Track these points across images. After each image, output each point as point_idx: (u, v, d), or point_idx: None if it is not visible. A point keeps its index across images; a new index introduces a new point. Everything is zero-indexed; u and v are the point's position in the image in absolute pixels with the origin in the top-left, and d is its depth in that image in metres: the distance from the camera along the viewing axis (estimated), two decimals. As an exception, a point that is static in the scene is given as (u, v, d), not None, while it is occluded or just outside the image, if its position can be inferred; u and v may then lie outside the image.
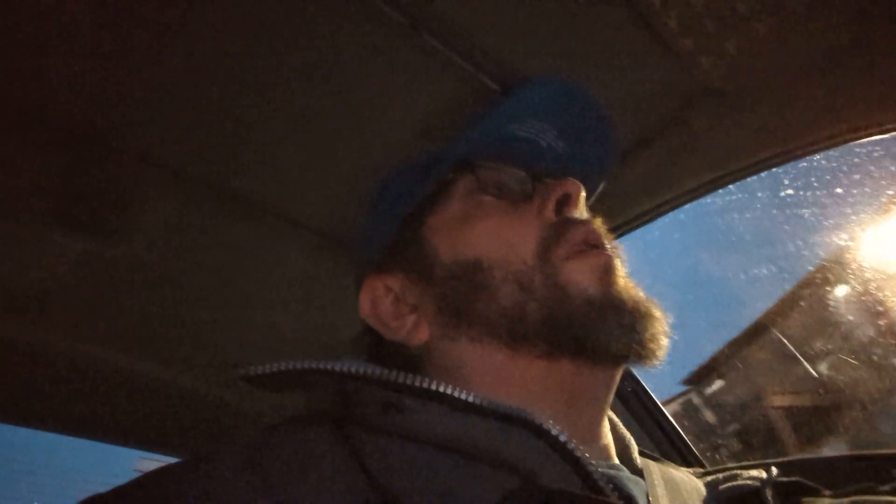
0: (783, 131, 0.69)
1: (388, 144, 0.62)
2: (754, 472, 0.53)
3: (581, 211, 0.52)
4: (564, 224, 0.49)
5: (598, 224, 0.51)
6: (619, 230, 0.80)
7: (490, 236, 0.49)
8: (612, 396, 0.49)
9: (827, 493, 0.55)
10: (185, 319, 0.86)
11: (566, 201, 0.50)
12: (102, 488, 0.37)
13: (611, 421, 0.52)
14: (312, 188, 0.67)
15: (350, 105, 0.58)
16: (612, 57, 0.57)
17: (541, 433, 0.38)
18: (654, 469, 0.50)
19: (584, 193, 0.52)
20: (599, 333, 0.44)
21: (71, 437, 1.21)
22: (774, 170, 0.73)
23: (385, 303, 0.51)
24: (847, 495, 0.57)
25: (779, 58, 0.59)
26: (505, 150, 0.53)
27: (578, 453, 0.38)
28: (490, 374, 0.46)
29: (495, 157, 0.53)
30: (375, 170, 0.64)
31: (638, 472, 0.48)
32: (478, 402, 0.39)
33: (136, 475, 0.39)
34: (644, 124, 0.65)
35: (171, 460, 0.41)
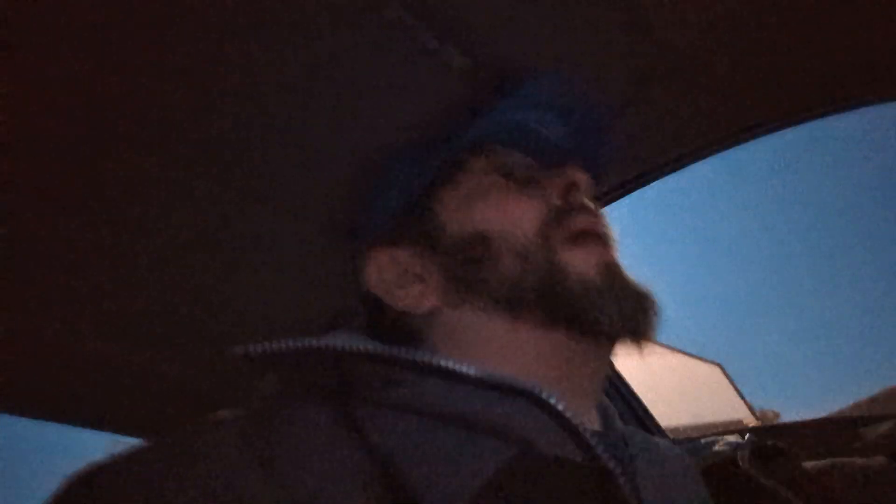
0: (749, 108, 0.70)
1: (383, 134, 0.62)
2: (731, 438, 0.55)
3: (585, 199, 0.53)
4: (568, 209, 0.51)
5: (602, 214, 0.53)
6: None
7: (495, 211, 0.51)
8: (605, 373, 0.51)
9: (802, 455, 0.57)
10: (174, 307, 0.86)
11: (571, 188, 0.52)
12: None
13: None
14: (308, 177, 0.67)
15: (346, 96, 0.58)
16: (581, 31, 0.57)
17: (540, 403, 0.39)
18: (636, 436, 0.52)
19: (587, 182, 0.54)
20: (595, 313, 0.46)
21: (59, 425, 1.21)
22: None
23: (391, 273, 0.53)
24: (823, 457, 0.59)
25: (743, 35, 0.60)
26: (515, 137, 0.56)
27: (576, 421, 0.39)
28: (491, 342, 0.48)
29: (506, 143, 0.55)
30: (371, 158, 0.64)
31: (623, 440, 0.50)
32: (478, 374, 0.40)
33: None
34: (613, 97, 0.65)
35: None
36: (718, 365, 14.22)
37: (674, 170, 0.76)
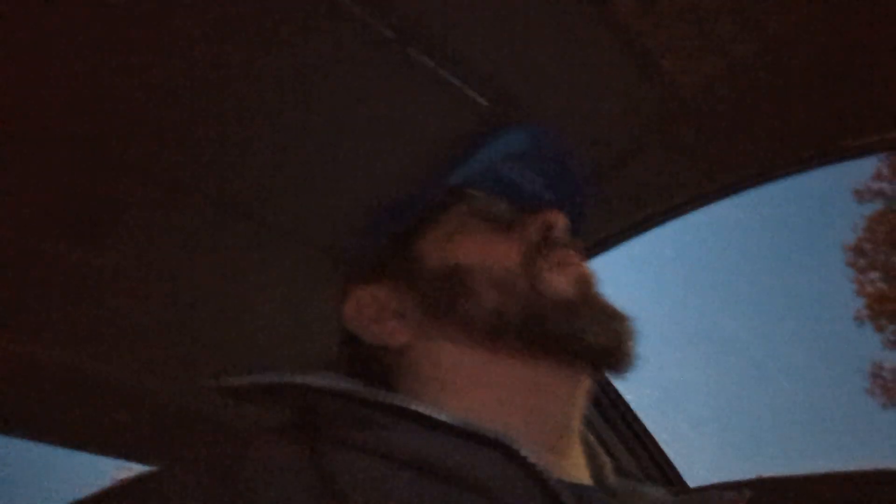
0: (762, 151, 0.70)
1: (375, 155, 0.63)
2: (729, 494, 0.54)
3: (564, 238, 0.54)
4: (547, 244, 0.52)
5: (579, 248, 0.54)
6: (594, 249, 0.80)
7: (476, 248, 0.51)
8: (582, 407, 0.50)
9: None
10: (168, 329, 0.85)
11: (551, 227, 0.53)
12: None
13: (587, 443, 0.53)
14: (300, 199, 0.68)
15: (337, 117, 0.59)
16: (593, 75, 0.58)
17: (511, 455, 0.38)
18: (629, 489, 0.51)
19: (566, 224, 0.54)
20: (573, 328, 0.46)
21: (48, 446, 1.19)
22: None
23: (369, 310, 0.53)
24: None
25: (758, 79, 0.61)
26: (494, 185, 0.57)
27: (547, 475, 0.38)
28: (464, 374, 0.48)
29: (486, 190, 0.57)
30: (362, 181, 0.65)
31: (611, 493, 0.48)
32: (449, 421, 0.39)
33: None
34: (622, 142, 0.66)
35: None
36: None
37: (685, 212, 0.76)
